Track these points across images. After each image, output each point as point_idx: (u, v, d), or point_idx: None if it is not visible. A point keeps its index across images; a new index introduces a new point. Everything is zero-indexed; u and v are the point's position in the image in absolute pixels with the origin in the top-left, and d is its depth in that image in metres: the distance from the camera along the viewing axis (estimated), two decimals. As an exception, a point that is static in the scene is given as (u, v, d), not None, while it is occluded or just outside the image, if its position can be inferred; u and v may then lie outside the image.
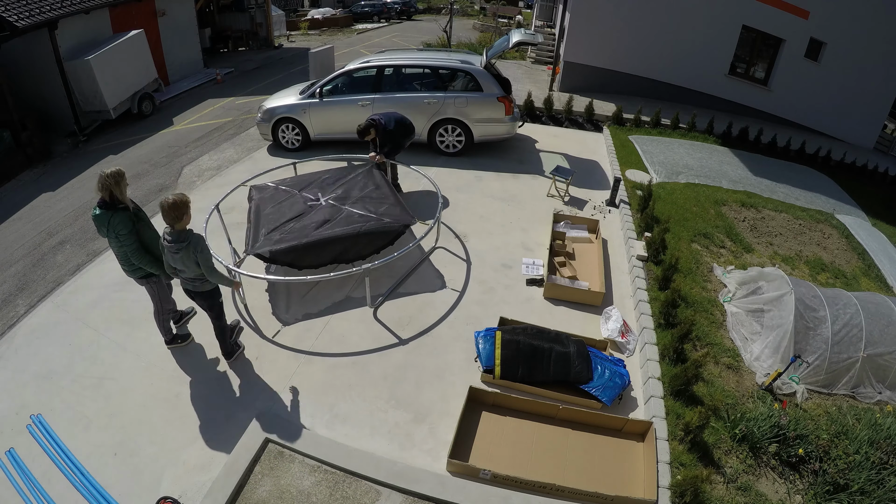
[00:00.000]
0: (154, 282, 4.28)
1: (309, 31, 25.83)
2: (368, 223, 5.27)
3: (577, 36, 12.25)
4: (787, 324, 4.57)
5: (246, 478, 3.52)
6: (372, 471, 3.56)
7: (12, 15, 9.31)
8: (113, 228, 3.84)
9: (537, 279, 5.57)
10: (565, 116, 10.86)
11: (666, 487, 3.52)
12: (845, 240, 7.33)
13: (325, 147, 8.52)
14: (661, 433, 3.86)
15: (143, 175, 8.59)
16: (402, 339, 4.77)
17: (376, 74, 8.22)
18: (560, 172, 7.36)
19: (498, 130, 8.30)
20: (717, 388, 4.37)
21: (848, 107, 11.85)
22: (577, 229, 6.38)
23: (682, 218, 6.92)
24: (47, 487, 3.47)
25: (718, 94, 12.33)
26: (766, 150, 10.26)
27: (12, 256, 6.57)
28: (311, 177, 6.37)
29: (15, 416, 3.99)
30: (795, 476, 3.75)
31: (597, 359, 4.34)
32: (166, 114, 12.30)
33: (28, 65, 10.64)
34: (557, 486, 3.46)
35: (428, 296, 5.32)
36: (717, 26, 11.62)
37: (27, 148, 9.84)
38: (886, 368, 4.54)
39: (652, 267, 5.84)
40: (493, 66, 8.21)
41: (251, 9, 20.09)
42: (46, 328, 4.92)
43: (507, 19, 25.96)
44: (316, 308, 5.10)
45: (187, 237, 3.68)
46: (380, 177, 6.23)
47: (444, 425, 3.96)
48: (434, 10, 35.30)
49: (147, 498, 3.39)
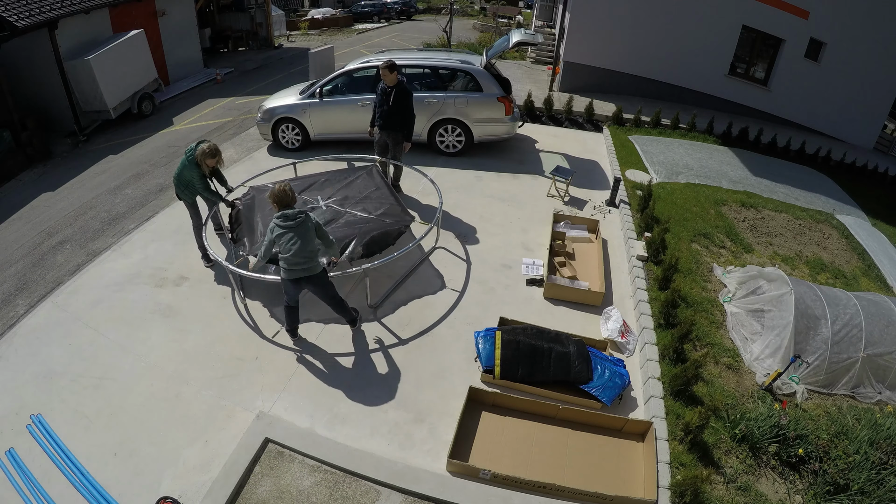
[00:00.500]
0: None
1: (309, 31, 25.83)
2: (368, 224, 5.27)
3: (576, 36, 12.25)
4: (787, 324, 4.57)
5: (246, 478, 3.52)
6: (372, 471, 3.56)
7: (12, 15, 9.31)
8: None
9: (537, 279, 5.57)
10: (565, 116, 10.86)
11: (666, 487, 3.52)
12: (845, 240, 7.33)
13: (325, 147, 8.52)
14: (661, 433, 3.86)
15: (143, 175, 8.59)
16: (402, 339, 4.77)
17: (376, 74, 8.20)
18: (560, 172, 7.36)
19: (498, 130, 8.30)
20: (717, 388, 4.37)
21: (848, 107, 11.85)
22: (577, 229, 6.38)
23: (682, 218, 6.92)
24: (47, 487, 3.47)
25: (718, 94, 12.33)
26: (766, 150, 10.26)
27: (12, 256, 6.57)
28: (310, 178, 6.37)
29: (15, 416, 3.98)
30: (795, 476, 3.75)
31: (597, 359, 4.34)
32: (166, 114, 12.29)
33: (28, 65, 10.64)
34: (557, 486, 3.46)
35: (428, 296, 5.32)
36: (717, 26, 11.62)
37: (27, 148, 9.84)
38: (886, 368, 4.54)
39: (652, 267, 5.84)
40: (493, 66, 8.21)
41: (251, 9, 20.08)
42: (46, 328, 4.92)
43: (507, 19, 25.96)
44: (316, 308, 5.10)
45: (301, 213, 4.02)
46: (379, 178, 6.23)
47: (444, 425, 3.96)
48: (434, 10, 35.30)
49: (147, 498, 3.39)
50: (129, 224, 6.94)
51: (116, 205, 7.60)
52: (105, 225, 7.04)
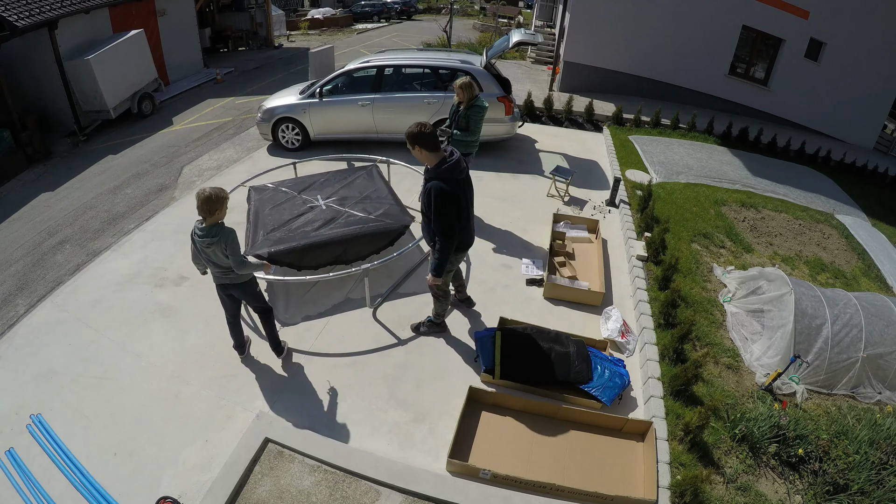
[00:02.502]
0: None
1: (309, 30, 25.85)
2: (368, 224, 5.27)
3: (577, 36, 12.25)
4: (787, 324, 4.57)
5: (246, 478, 3.52)
6: (372, 471, 3.56)
7: (12, 15, 9.30)
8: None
9: (537, 279, 5.56)
10: (565, 116, 10.86)
11: (666, 487, 3.52)
12: (845, 240, 7.33)
13: (325, 147, 8.52)
14: (661, 433, 3.86)
15: (143, 175, 8.59)
16: (402, 339, 4.76)
17: (376, 74, 8.21)
18: (560, 172, 7.36)
19: (498, 130, 8.30)
20: (716, 388, 4.37)
21: (848, 107, 11.85)
22: (576, 229, 6.38)
23: (682, 218, 6.92)
24: (47, 487, 3.47)
25: (718, 94, 12.33)
26: (766, 150, 10.26)
27: (12, 256, 6.57)
28: (310, 178, 6.37)
29: (15, 416, 3.98)
30: (795, 476, 3.75)
31: (597, 359, 4.34)
32: (166, 113, 12.29)
33: (28, 65, 10.64)
34: (557, 485, 3.46)
35: (428, 296, 5.29)
36: (717, 26, 11.63)
37: (27, 148, 9.84)
38: (886, 369, 4.54)
39: (652, 267, 5.84)
40: (493, 66, 8.21)
41: (251, 8, 20.10)
42: (46, 328, 4.91)
43: (507, 19, 25.97)
44: (315, 308, 5.10)
45: (218, 231, 3.64)
46: (379, 178, 6.23)
47: (443, 425, 3.96)
48: (434, 10, 35.32)
49: (147, 498, 3.39)
50: (129, 224, 6.94)
51: (116, 205, 7.60)
52: (105, 225, 7.04)
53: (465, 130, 5.77)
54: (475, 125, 5.76)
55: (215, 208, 3.57)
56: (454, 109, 5.89)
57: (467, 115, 5.70)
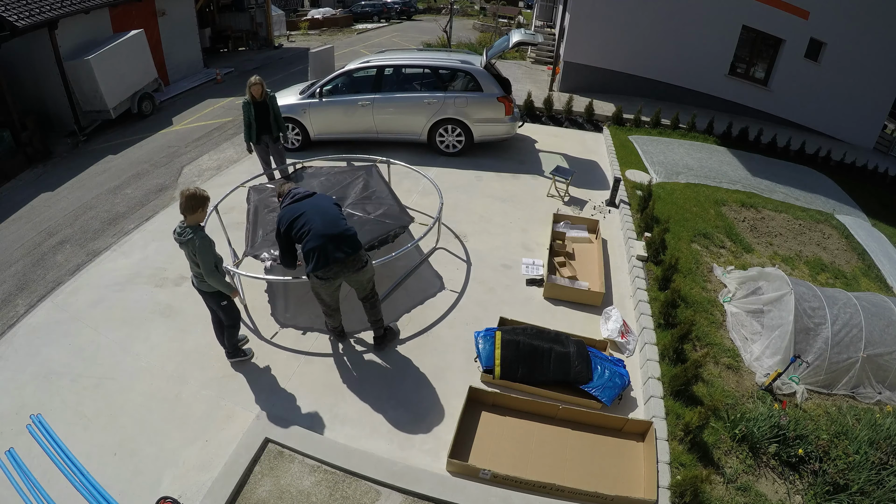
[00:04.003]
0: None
1: (309, 30, 25.84)
2: (367, 224, 5.27)
3: (576, 36, 12.25)
4: (787, 324, 4.57)
5: (246, 478, 3.52)
6: (372, 471, 3.56)
7: (12, 15, 9.30)
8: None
9: (537, 279, 5.57)
10: (565, 116, 10.86)
11: (666, 487, 3.52)
12: (845, 240, 7.33)
13: (324, 147, 8.52)
14: (661, 433, 3.86)
15: (143, 175, 8.59)
16: (402, 340, 4.76)
17: (376, 74, 8.22)
18: (560, 172, 7.36)
19: (498, 130, 8.30)
20: (716, 388, 4.37)
21: (848, 107, 11.85)
22: (576, 229, 6.38)
23: (682, 218, 6.92)
24: (47, 487, 3.47)
25: (718, 95, 12.33)
26: (766, 150, 10.26)
27: (12, 256, 6.57)
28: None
29: (15, 416, 3.98)
30: (795, 476, 3.75)
31: (597, 359, 4.34)
32: (166, 114, 12.29)
33: (28, 65, 10.63)
34: (557, 485, 3.46)
35: (428, 296, 5.32)
36: (717, 26, 11.63)
37: (27, 148, 9.83)
38: (886, 369, 4.54)
39: (652, 267, 5.84)
40: (493, 66, 8.21)
41: (251, 8, 20.08)
42: (46, 328, 4.92)
43: (507, 19, 25.98)
44: (315, 309, 5.08)
45: (193, 232, 3.66)
46: (378, 178, 6.23)
47: (443, 425, 3.96)
48: (434, 10, 35.32)
49: (147, 498, 3.39)
50: (129, 224, 6.94)
51: (116, 205, 7.60)
52: (105, 225, 7.04)
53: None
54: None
55: (197, 206, 3.65)
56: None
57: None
